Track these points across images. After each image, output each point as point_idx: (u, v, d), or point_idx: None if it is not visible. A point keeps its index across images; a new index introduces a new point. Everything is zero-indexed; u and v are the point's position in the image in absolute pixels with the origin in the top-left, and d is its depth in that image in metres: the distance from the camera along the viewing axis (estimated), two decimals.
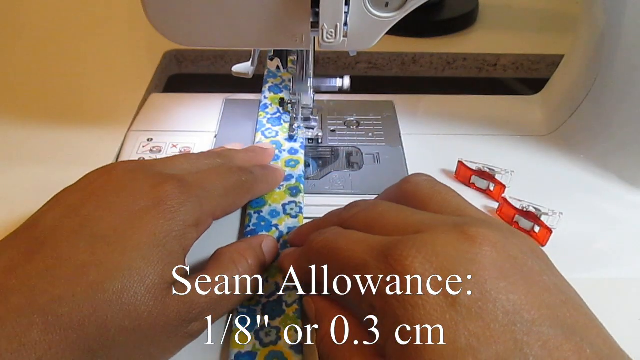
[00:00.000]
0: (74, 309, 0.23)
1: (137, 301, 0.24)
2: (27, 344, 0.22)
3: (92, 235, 0.25)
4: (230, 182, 0.32)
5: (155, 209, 0.27)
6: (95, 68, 0.55)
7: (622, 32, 0.38)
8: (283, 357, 0.27)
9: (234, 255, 0.29)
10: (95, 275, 0.24)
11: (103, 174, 0.29)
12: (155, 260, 0.25)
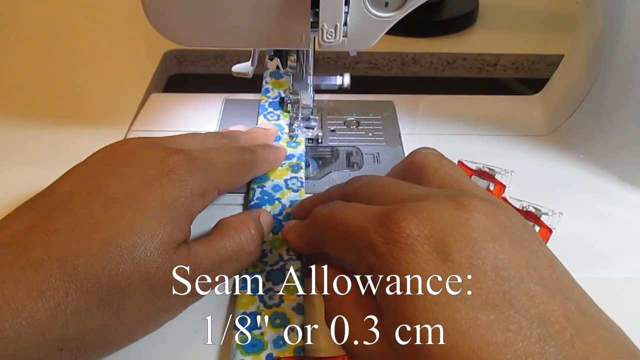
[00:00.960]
0: (89, 261, 0.25)
1: (146, 257, 0.26)
2: (46, 291, 0.23)
3: (106, 198, 0.27)
4: (234, 158, 0.34)
5: (165, 177, 0.29)
6: (95, 68, 0.55)
7: (622, 32, 0.38)
8: (285, 317, 0.29)
9: (237, 224, 0.31)
10: (109, 232, 0.26)
11: (115, 148, 0.31)
12: (164, 222, 0.27)
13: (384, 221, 0.24)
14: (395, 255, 0.23)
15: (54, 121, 0.46)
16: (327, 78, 0.42)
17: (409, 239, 0.23)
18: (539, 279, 0.22)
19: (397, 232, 0.23)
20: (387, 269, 0.23)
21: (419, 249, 0.23)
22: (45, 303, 0.23)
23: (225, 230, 0.30)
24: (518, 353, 0.20)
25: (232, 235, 0.30)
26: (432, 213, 0.24)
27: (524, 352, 0.20)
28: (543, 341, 0.20)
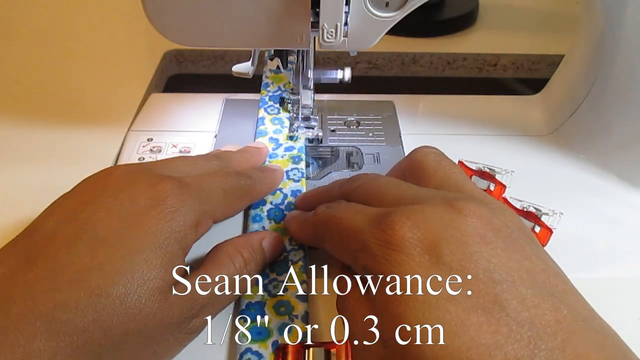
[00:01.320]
0: (77, 314, 0.23)
1: (140, 304, 0.24)
2: (31, 352, 0.21)
3: (92, 239, 0.25)
4: (229, 184, 0.32)
5: (154, 209, 0.27)
6: (95, 68, 0.55)
7: (622, 32, 0.38)
8: (290, 305, 0.30)
9: (230, 250, 0.30)
10: (98, 279, 0.24)
11: (100, 178, 0.29)
12: (157, 264, 0.25)
13: (378, 223, 0.24)
14: (388, 257, 0.23)
15: (54, 121, 0.46)
16: (328, 72, 0.41)
17: (402, 241, 0.23)
18: (532, 282, 0.22)
19: (390, 234, 0.23)
20: (380, 270, 0.23)
21: (411, 251, 0.23)
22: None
23: (220, 259, 0.29)
24: (508, 356, 0.20)
25: (226, 264, 0.29)
26: (426, 216, 0.24)
27: (514, 355, 0.20)
28: (533, 344, 0.20)
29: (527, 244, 0.24)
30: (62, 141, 0.44)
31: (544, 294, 0.22)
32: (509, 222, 0.25)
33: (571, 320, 0.21)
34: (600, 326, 0.22)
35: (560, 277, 0.23)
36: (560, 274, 0.24)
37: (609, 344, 0.21)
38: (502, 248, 0.23)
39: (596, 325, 0.22)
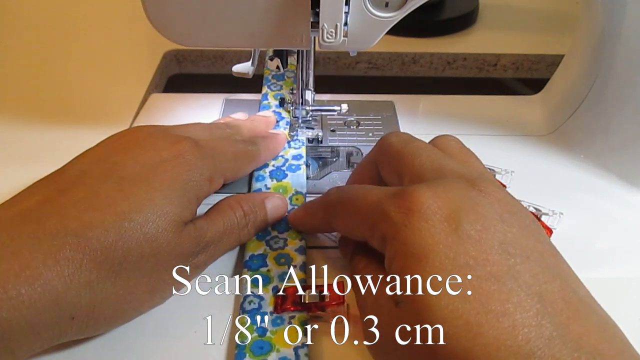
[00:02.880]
0: (102, 234, 0.25)
1: (158, 233, 0.27)
2: (60, 260, 0.24)
3: (120, 178, 0.28)
4: (238, 149, 0.36)
5: (175, 160, 0.30)
6: (95, 68, 0.55)
7: (622, 32, 0.38)
8: (289, 257, 0.33)
9: (232, 203, 0.33)
10: (123, 206, 0.27)
11: (126, 134, 0.32)
12: (175, 202, 0.28)
13: (399, 194, 0.25)
14: (408, 223, 0.24)
15: (54, 121, 0.46)
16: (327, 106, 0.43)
17: (423, 207, 0.24)
18: (542, 262, 0.23)
19: (410, 201, 0.24)
20: (400, 236, 0.24)
21: (431, 217, 0.24)
22: (60, 272, 0.24)
23: (222, 208, 0.32)
24: (515, 323, 0.21)
25: (228, 213, 0.32)
26: (447, 189, 0.25)
27: (521, 323, 0.21)
28: (540, 316, 0.21)
29: (539, 233, 0.25)
30: (62, 141, 0.44)
31: (553, 275, 0.23)
32: (523, 211, 0.26)
33: (576, 301, 0.22)
34: (601, 311, 0.23)
35: (567, 265, 0.25)
36: (566, 263, 0.25)
37: (610, 328, 0.22)
38: (517, 228, 0.24)
39: (598, 310, 0.23)
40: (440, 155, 0.28)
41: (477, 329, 0.21)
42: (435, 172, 0.27)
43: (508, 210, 0.25)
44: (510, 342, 0.20)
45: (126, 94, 0.50)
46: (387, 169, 0.31)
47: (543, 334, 0.20)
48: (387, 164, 0.31)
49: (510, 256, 0.23)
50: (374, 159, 0.32)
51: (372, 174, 0.32)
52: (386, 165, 0.31)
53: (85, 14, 0.65)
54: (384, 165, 0.31)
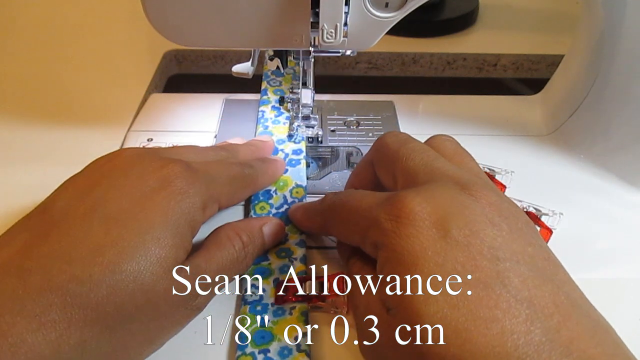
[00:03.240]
0: (91, 289, 0.23)
1: (153, 282, 0.25)
2: (46, 323, 0.22)
3: (104, 217, 0.26)
4: (234, 172, 0.33)
5: (164, 190, 0.27)
6: (95, 68, 0.55)
7: (622, 32, 0.38)
8: (290, 250, 0.34)
9: (230, 233, 0.31)
10: (111, 256, 0.24)
11: (110, 159, 0.29)
12: (169, 243, 0.26)
13: (389, 200, 0.25)
14: (397, 230, 0.24)
15: (54, 121, 0.46)
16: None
17: (411, 214, 0.24)
18: (533, 266, 0.23)
19: (399, 208, 0.24)
20: (389, 243, 0.24)
21: (420, 224, 0.24)
22: (46, 336, 0.22)
23: (221, 241, 0.30)
24: (504, 330, 0.21)
25: (227, 246, 0.30)
26: (436, 194, 0.25)
27: (510, 329, 0.21)
28: (530, 322, 0.21)
29: (532, 235, 0.25)
30: (62, 141, 0.44)
31: (544, 278, 0.23)
32: (516, 213, 0.25)
33: (568, 305, 0.22)
34: (594, 314, 0.23)
35: (560, 268, 0.24)
36: (560, 266, 0.24)
37: (602, 331, 0.22)
38: (507, 232, 0.24)
39: (591, 313, 0.23)
40: (433, 157, 0.28)
41: (466, 335, 0.21)
42: (427, 175, 0.27)
43: (499, 214, 0.24)
44: (499, 349, 0.20)
45: (126, 94, 0.50)
46: (382, 169, 0.31)
47: (532, 340, 0.20)
48: (383, 165, 0.31)
49: (499, 261, 0.23)
50: (371, 160, 0.32)
51: (369, 174, 0.32)
52: (382, 166, 0.31)
53: (85, 14, 0.65)
54: (379, 165, 0.31)
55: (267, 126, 0.44)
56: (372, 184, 0.32)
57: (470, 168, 0.29)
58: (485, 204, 0.24)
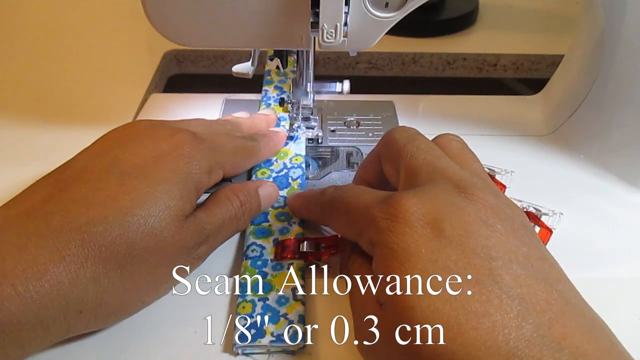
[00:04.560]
0: (106, 229, 0.26)
1: (160, 226, 0.27)
2: (66, 256, 0.25)
3: (120, 172, 0.28)
4: (238, 143, 0.36)
5: (174, 152, 0.30)
6: (95, 68, 0.55)
7: (622, 32, 0.38)
8: (288, 214, 0.36)
9: (228, 193, 0.33)
10: (126, 201, 0.27)
11: (125, 127, 0.32)
12: (176, 195, 0.29)
13: (386, 200, 0.26)
14: (392, 228, 0.25)
15: (54, 121, 0.46)
16: (327, 85, 0.42)
17: (407, 213, 0.25)
18: (527, 265, 0.23)
19: (396, 208, 0.25)
20: (384, 241, 0.25)
21: (414, 224, 0.24)
22: (66, 267, 0.25)
23: (220, 199, 0.32)
24: (495, 324, 0.21)
25: (226, 204, 0.32)
26: (432, 195, 0.25)
27: (502, 324, 0.21)
28: (521, 318, 0.21)
29: (527, 236, 0.25)
30: (62, 141, 0.44)
31: (537, 277, 0.23)
32: (514, 215, 0.26)
33: (561, 303, 0.22)
34: (589, 313, 0.23)
35: (555, 268, 0.24)
36: (556, 265, 0.25)
37: (596, 329, 0.22)
38: (501, 232, 0.24)
39: (585, 311, 0.23)
40: (437, 157, 0.29)
41: (458, 329, 0.21)
42: (428, 174, 0.27)
43: (495, 215, 0.25)
44: (490, 343, 0.21)
45: (126, 94, 0.50)
46: (388, 164, 0.31)
47: (524, 335, 0.21)
48: (389, 160, 0.31)
49: (492, 260, 0.23)
50: (378, 153, 0.33)
51: (377, 167, 0.33)
52: (387, 160, 0.31)
53: (85, 14, 0.65)
54: (385, 160, 0.32)
55: (269, 104, 0.46)
56: (379, 177, 0.33)
57: (474, 169, 0.29)
58: (481, 206, 0.25)
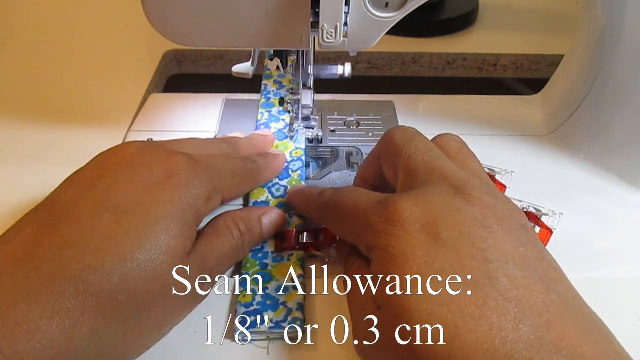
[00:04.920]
0: (104, 277, 0.24)
1: (163, 270, 0.26)
2: (60, 310, 0.23)
3: (113, 208, 0.26)
4: (236, 166, 0.34)
5: (170, 181, 0.28)
6: (95, 68, 0.55)
7: (622, 32, 0.38)
8: (289, 207, 0.36)
9: (228, 222, 0.32)
10: (123, 244, 0.25)
11: (115, 152, 0.30)
12: (177, 233, 0.27)
13: (383, 204, 0.26)
14: (389, 231, 0.25)
15: (54, 121, 0.46)
16: (328, 67, 0.41)
17: (402, 217, 0.25)
18: (524, 266, 0.23)
19: (391, 212, 0.25)
20: (380, 244, 0.25)
21: (410, 228, 0.24)
22: (60, 324, 0.22)
23: (220, 230, 0.31)
24: (492, 327, 0.21)
25: (226, 235, 0.31)
26: (428, 199, 0.25)
27: (499, 326, 0.21)
28: (518, 320, 0.21)
29: (526, 237, 0.25)
30: (62, 141, 0.44)
31: (535, 278, 0.23)
32: (512, 215, 0.25)
33: (559, 304, 0.22)
34: (588, 314, 0.23)
35: (554, 268, 0.24)
36: (554, 266, 0.24)
37: (595, 330, 0.22)
38: (498, 233, 0.24)
39: (584, 312, 0.23)
40: (435, 157, 0.28)
41: (455, 332, 0.21)
42: (426, 175, 0.27)
43: (493, 216, 0.25)
44: (487, 345, 0.20)
45: (126, 94, 0.50)
46: (387, 164, 0.31)
47: (521, 338, 0.20)
48: (387, 160, 0.31)
49: (488, 262, 0.23)
50: (378, 153, 0.33)
51: (377, 167, 0.33)
52: (386, 160, 0.31)
53: (85, 14, 0.65)
54: (385, 160, 0.31)
55: (269, 97, 0.46)
56: (379, 177, 0.33)
57: (472, 169, 0.29)
58: (478, 207, 0.25)
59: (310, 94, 0.42)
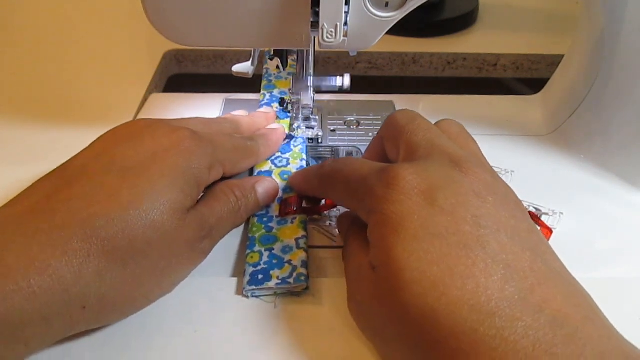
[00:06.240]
0: (108, 223, 0.26)
1: (163, 220, 0.28)
2: (69, 251, 0.25)
3: (121, 169, 0.29)
4: (237, 142, 0.36)
5: (174, 149, 0.30)
6: (95, 68, 0.55)
7: (622, 32, 0.38)
8: (291, 173, 0.38)
9: (224, 188, 0.34)
10: (127, 197, 0.27)
11: (125, 127, 0.32)
12: (177, 189, 0.29)
13: (384, 171, 0.27)
14: (389, 196, 0.26)
15: (54, 121, 0.46)
16: (328, 79, 0.42)
17: (402, 182, 0.26)
18: (514, 235, 0.24)
19: (393, 177, 0.26)
20: (381, 208, 0.26)
21: (409, 192, 0.26)
22: (69, 262, 0.25)
23: (217, 194, 0.33)
24: (479, 285, 0.22)
25: (223, 199, 0.33)
26: (429, 168, 0.27)
27: (485, 285, 0.22)
28: (505, 281, 0.22)
29: (518, 210, 0.26)
30: (62, 141, 0.44)
31: (524, 247, 0.24)
32: (507, 192, 0.27)
33: (545, 271, 0.23)
34: (573, 282, 0.24)
35: (543, 242, 0.25)
36: (543, 240, 0.25)
37: (579, 296, 0.23)
38: (492, 204, 0.25)
39: (570, 280, 0.24)
40: (436, 135, 0.29)
41: (443, 289, 0.22)
42: (427, 150, 0.28)
43: (487, 189, 0.26)
44: (473, 302, 0.22)
45: (126, 94, 0.50)
46: (389, 143, 0.32)
47: (505, 297, 0.22)
48: (390, 139, 0.32)
49: (481, 227, 0.24)
50: (381, 135, 0.33)
51: (380, 149, 0.33)
52: (389, 140, 0.32)
53: (85, 14, 0.65)
54: (387, 140, 0.32)
55: (270, 80, 0.46)
56: (383, 159, 0.33)
57: (471, 149, 0.30)
58: (475, 179, 0.26)
59: (310, 94, 0.42)
